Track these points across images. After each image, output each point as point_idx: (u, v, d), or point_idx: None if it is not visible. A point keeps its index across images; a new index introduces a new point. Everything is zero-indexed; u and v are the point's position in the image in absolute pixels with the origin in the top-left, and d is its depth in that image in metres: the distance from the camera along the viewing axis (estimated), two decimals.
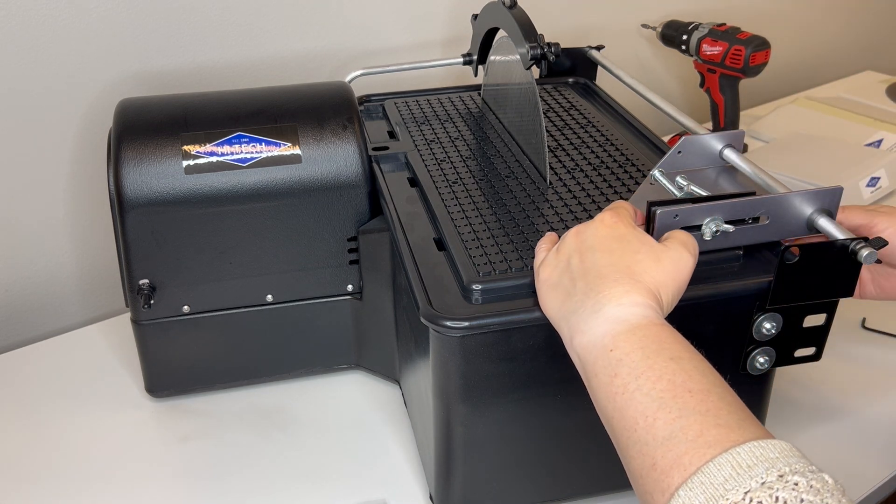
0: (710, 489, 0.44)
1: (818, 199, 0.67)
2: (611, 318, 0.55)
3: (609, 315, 0.56)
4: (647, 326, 0.55)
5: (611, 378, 0.53)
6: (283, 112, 0.82)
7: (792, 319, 0.67)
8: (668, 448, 0.48)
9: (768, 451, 0.46)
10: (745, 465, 0.45)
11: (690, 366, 0.52)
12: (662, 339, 0.54)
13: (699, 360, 0.53)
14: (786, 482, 0.43)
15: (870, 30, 1.83)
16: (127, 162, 0.77)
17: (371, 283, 0.84)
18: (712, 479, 0.45)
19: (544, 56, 0.81)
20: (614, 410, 0.53)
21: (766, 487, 0.43)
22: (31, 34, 0.93)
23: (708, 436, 0.47)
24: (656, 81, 1.53)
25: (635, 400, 0.51)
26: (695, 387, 0.50)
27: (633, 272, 0.58)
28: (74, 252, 1.06)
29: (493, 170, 0.85)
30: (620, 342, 0.54)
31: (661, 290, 0.58)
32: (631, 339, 0.54)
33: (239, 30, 1.07)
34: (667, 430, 0.49)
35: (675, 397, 0.50)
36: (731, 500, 0.43)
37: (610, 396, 0.53)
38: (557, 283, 0.61)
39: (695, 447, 0.47)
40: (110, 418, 0.87)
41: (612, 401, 0.53)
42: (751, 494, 0.43)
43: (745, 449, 0.46)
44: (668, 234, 0.63)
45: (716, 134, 0.76)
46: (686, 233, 0.62)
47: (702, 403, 0.49)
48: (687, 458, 0.47)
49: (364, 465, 0.80)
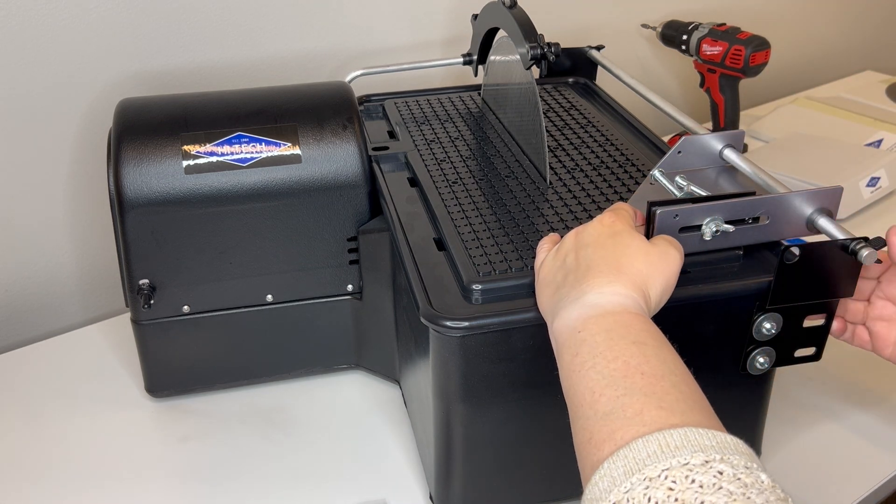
0: (631, 462, 0.44)
1: (818, 198, 0.67)
2: (587, 304, 0.56)
3: (587, 301, 0.56)
4: (620, 313, 0.55)
5: (572, 357, 0.54)
6: (283, 112, 0.82)
7: (792, 319, 0.67)
8: (606, 423, 0.48)
9: (704, 439, 0.45)
10: (673, 446, 0.44)
11: (651, 352, 0.52)
12: (631, 325, 0.54)
13: (666, 349, 0.53)
14: (709, 468, 0.43)
15: (870, 30, 1.83)
16: (127, 162, 0.77)
17: (371, 283, 0.84)
18: (636, 455, 0.45)
19: (544, 56, 0.81)
20: (569, 387, 0.53)
21: (685, 468, 0.43)
22: (31, 34, 0.93)
23: (646, 416, 0.47)
24: (656, 81, 1.53)
25: (588, 377, 0.52)
26: (648, 370, 0.50)
27: (621, 265, 0.58)
28: (74, 252, 1.06)
29: (493, 170, 0.85)
30: (589, 325, 0.55)
31: (647, 284, 0.58)
32: (599, 323, 0.54)
33: (239, 30, 1.07)
34: (608, 406, 0.49)
35: (625, 377, 0.50)
36: (647, 475, 0.43)
37: (568, 374, 0.54)
38: (552, 280, 0.61)
39: (630, 424, 0.47)
40: (110, 418, 0.87)
41: (570, 378, 0.53)
42: (667, 472, 0.43)
43: (679, 432, 0.45)
44: (654, 238, 0.63)
45: (716, 134, 0.76)
46: (670, 237, 0.63)
47: (650, 386, 0.49)
48: (620, 433, 0.47)
49: (364, 465, 0.80)
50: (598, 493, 0.45)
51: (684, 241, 0.65)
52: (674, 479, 0.42)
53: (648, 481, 0.43)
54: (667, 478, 0.42)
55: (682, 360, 0.53)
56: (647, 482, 0.43)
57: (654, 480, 0.43)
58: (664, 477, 0.43)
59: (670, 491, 0.42)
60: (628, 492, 0.43)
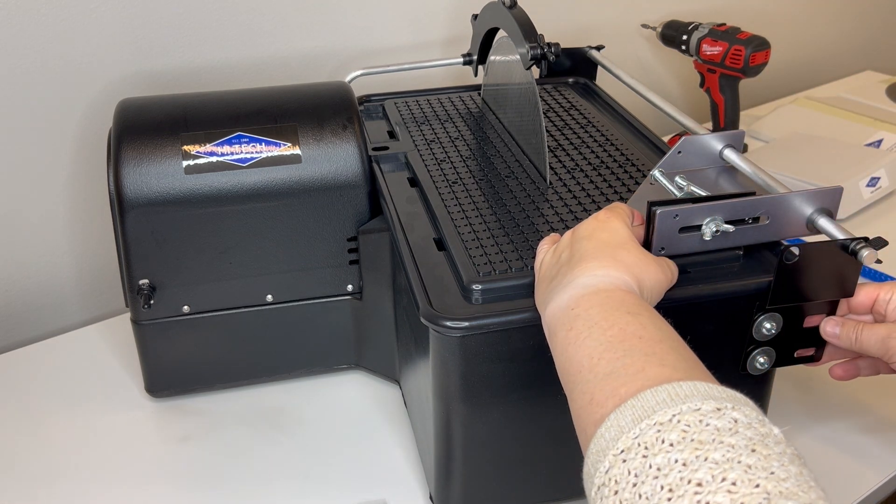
0: (639, 411, 0.43)
1: (818, 198, 0.67)
2: (579, 286, 0.56)
3: (579, 283, 0.56)
4: (613, 290, 0.55)
5: (566, 332, 0.54)
6: (283, 112, 0.82)
7: (792, 319, 0.67)
8: (607, 382, 0.47)
9: (713, 391, 0.44)
10: (683, 395, 0.43)
11: (647, 320, 0.52)
12: (624, 299, 0.54)
13: (660, 320, 0.53)
14: (723, 415, 0.41)
15: (870, 30, 1.83)
16: (127, 162, 0.77)
17: (371, 283, 0.84)
18: (644, 403, 0.44)
19: (544, 56, 0.81)
20: (565, 360, 0.53)
21: (697, 413, 0.41)
22: (31, 34, 0.93)
23: (649, 371, 0.46)
24: (656, 81, 1.53)
25: (585, 346, 0.51)
26: (646, 335, 0.50)
27: (617, 254, 0.58)
28: (74, 252, 1.06)
29: (493, 170, 0.85)
30: (582, 302, 0.55)
31: (641, 275, 0.58)
32: (592, 299, 0.54)
33: (239, 30, 1.07)
34: (609, 367, 0.48)
35: (622, 341, 0.50)
36: (657, 419, 0.42)
37: (563, 348, 0.53)
38: (548, 275, 0.62)
39: (633, 380, 0.46)
40: (110, 418, 0.87)
41: (565, 351, 0.53)
42: (679, 416, 0.41)
43: (689, 384, 0.44)
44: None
45: (716, 134, 0.76)
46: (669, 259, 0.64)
47: (649, 347, 0.49)
48: (624, 388, 0.46)
49: (364, 465, 0.80)
50: (605, 443, 0.44)
51: (684, 241, 0.65)
52: (687, 423, 0.41)
53: (659, 426, 0.41)
54: (679, 421, 0.41)
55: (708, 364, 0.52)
56: (657, 426, 0.41)
57: (664, 425, 0.41)
58: (676, 420, 0.41)
59: (684, 433, 0.40)
60: (637, 437, 0.42)
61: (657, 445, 0.41)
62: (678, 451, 0.40)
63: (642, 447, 0.41)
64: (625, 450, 0.42)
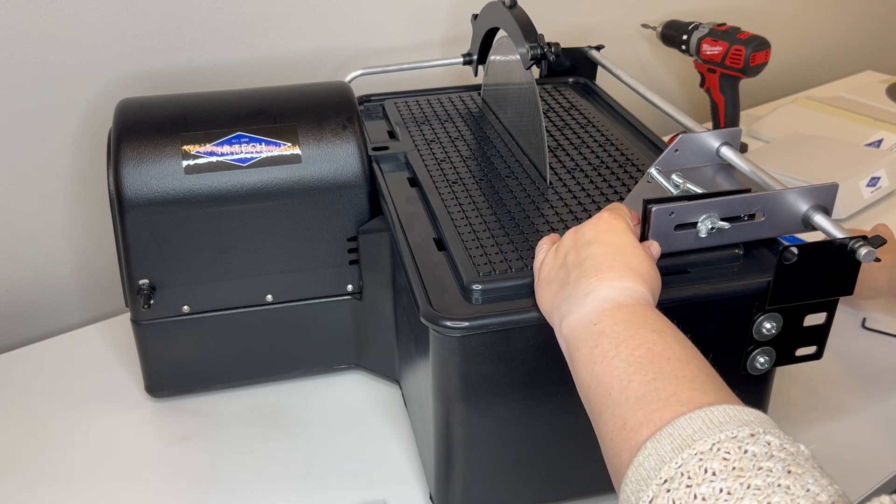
0: (678, 440, 0.44)
1: (813, 195, 0.67)
2: (599, 298, 0.56)
3: (598, 296, 0.56)
4: (634, 305, 0.55)
5: (591, 349, 0.54)
6: (283, 112, 0.82)
7: (792, 319, 0.67)
8: (640, 407, 0.48)
9: (744, 415, 0.45)
10: (718, 422, 0.44)
11: (672, 339, 0.52)
12: (647, 315, 0.54)
13: (682, 337, 0.53)
14: (757, 440, 0.43)
15: (870, 30, 1.83)
16: (127, 162, 0.77)
17: (371, 283, 0.84)
18: (681, 432, 0.45)
19: (544, 56, 0.81)
20: (591, 379, 0.53)
21: (735, 441, 0.43)
22: (31, 34, 0.93)
23: (681, 396, 0.47)
24: (656, 81, 1.53)
25: (613, 366, 0.51)
26: (673, 355, 0.50)
27: (630, 262, 0.58)
28: (74, 252, 1.06)
29: (493, 170, 0.85)
30: (605, 317, 0.55)
31: (654, 284, 0.59)
32: (615, 315, 0.54)
33: (239, 29, 1.07)
34: (640, 391, 0.49)
35: (652, 363, 0.50)
36: (698, 449, 0.43)
37: (589, 366, 0.53)
38: (553, 278, 0.61)
39: (667, 405, 0.47)
40: (110, 418, 0.87)
41: (591, 369, 0.53)
42: (718, 445, 0.43)
43: (720, 409, 0.45)
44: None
45: (712, 132, 0.76)
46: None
47: (679, 370, 0.49)
48: (658, 414, 0.47)
49: (364, 465, 0.80)
50: (645, 472, 0.45)
51: (680, 238, 0.65)
52: (727, 451, 0.42)
53: (700, 455, 0.43)
54: (719, 450, 0.43)
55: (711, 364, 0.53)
56: (699, 455, 0.43)
57: (706, 454, 0.43)
58: (716, 449, 0.43)
59: (725, 461, 0.42)
60: (681, 466, 0.43)
61: (700, 475, 0.42)
62: (721, 481, 0.41)
63: (685, 476, 0.42)
64: (668, 479, 0.43)
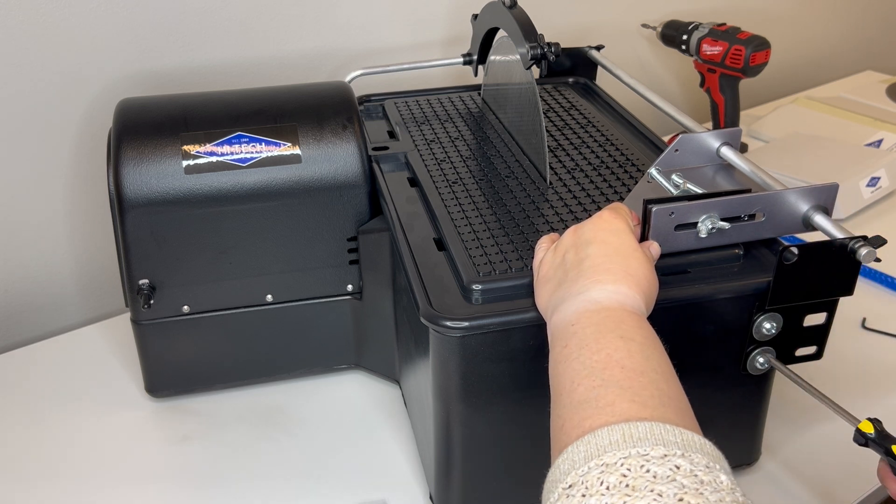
0: (592, 449, 0.45)
1: (813, 195, 0.67)
2: (587, 300, 0.56)
3: (588, 297, 0.56)
4: (616, 309, 0.55)
5: (561, 348, 0.54)
6: (283, 112, 0.82)
7: (792, 319, 0.67)
8: (578, 412, 0.48)
9: (668, 434, 0.45)
10: (636, 438, 0.44)
11: (636, 348, 0.52)
12: (623, 321, 0.54)
13: (652, 348, 0.53)
14: (666, 461, 0.43)
15: (870, 30, 1.83)
16: (127, 162, 0.77)
17: (371, 283, 0.84)
18: (599, 441, 0.45)
19: (544, 56, 0.81)
20: (553, 377, 0.54)
21: (643, 458, 0.43)
22: (31, 34, 0.93)
23: (617, 407, 0.47)
24: (656, 81, 1.53)
25: (570, 367, 0.52)
26: (629, 365, 0.50)
27: (629, 266, 0.58)
28: (74, 252, 1.06)
29: (493, 170, 0.85)
30: (583, 318, 0.55)
31: (651, 289, 0.58)
32: (592, 317, 0.55)
33: (239, 30, 1.07)
34: (584, 395, 0.49)
35: (604, 369, 0.50)
36: (605, 461, 0.43)
37: (554, 364, 0.54)
38: (552, 277, 0.61)
39: (600, 414, 0.47)
40: (110, 418, 0.87)
41: (555, 368, 0.54)
42: (624, 460, 0.43)
43: (645, 425, 0.45)
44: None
45: (712, 132, 0.76)
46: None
47: (627, 380, 0.49)
48: (589, 422, 0.47)
49: (364, 465, 0.80)
50: (558, 475, 0.45)
51: (680, 238, 0.65)
52: (629, 467, 0.42)
53: (605, 466, 0.43)
54: (623, 465, 0.42)
55: (670, 361, 0.53)
56: (602, 467, 0.43)
57: (609, 466, 0.43)
58: (620, 464, 0.43)
59: (623, 477, 0.42)
60: (584, 475, 0.43)
61: (595, 486, 0.42)
62: (610, 496, 0.41)
63: (583, 486, 0.43)
64: (572, 485, 0.43)
